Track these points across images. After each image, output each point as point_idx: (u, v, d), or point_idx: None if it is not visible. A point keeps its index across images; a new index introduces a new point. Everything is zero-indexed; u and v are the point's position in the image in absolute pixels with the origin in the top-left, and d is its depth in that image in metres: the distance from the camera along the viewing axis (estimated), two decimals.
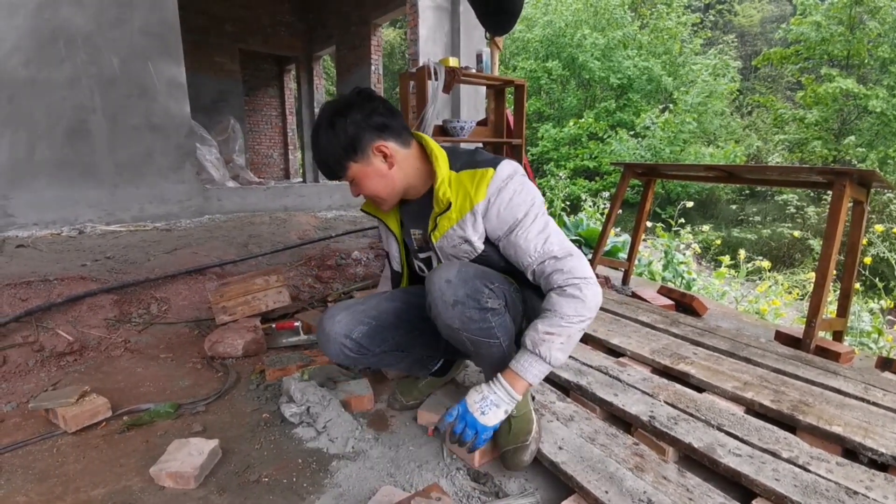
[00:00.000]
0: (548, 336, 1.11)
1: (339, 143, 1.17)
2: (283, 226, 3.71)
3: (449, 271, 1.15)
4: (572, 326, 1.11)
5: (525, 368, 1.13)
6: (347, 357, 1.34)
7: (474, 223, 1.19)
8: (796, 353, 1.85)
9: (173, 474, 1.18)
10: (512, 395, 1.14)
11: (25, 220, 3.30)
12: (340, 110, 1.18)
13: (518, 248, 1.17)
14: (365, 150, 1.19)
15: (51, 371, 1.83)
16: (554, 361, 1.12)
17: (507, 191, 1.17)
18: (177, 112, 3.81)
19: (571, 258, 1.14)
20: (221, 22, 8.25)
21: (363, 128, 1.18)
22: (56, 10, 3.27)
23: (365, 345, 1.32)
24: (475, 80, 3.10)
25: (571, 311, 1.10)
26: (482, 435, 1.14)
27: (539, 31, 15.51)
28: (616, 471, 1.14)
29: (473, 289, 1.13)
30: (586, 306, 1.11)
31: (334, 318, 1.32)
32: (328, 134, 1.18)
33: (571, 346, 1.14)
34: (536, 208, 1.19)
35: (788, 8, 20.50)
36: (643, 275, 4.75)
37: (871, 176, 2.05)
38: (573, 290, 1.11)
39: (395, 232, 1.43)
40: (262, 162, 10.11)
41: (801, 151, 12.92)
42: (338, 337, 1.30)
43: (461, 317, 1.14)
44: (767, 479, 1.08)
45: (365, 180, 1.23)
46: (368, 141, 1.18)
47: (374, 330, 1.33)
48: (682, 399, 1.44)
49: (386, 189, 1.25)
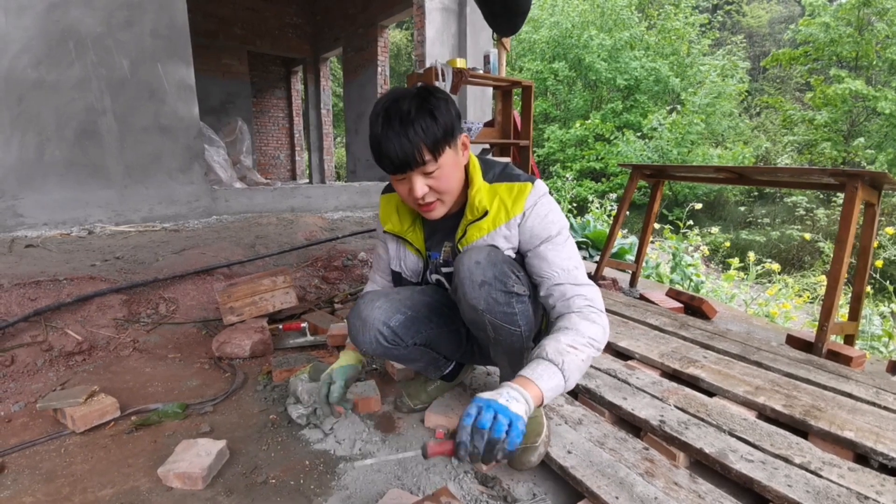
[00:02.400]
0: (571, 350, 1.05)
1: (441, 124, 1.10)
2: (289, 227, 3.72)
3: (479, 254, 1.16)
4: (590, 349, 1.08)
5: (540, 376, 1.01)
6: (380, 346, 1.29)
7: (508, 236, 1.21)
8: (808, 357, 1.83)
9: (181, 475, 1.18)
10: (526, 398, 0.96)
11: (35, 221, 3.32)
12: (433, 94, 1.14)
13: (546, 260, 1.19)
14: (457, 138, 1.17)
15: (59, 371, 1.84)
16: (569, 378, 1.03)
17: (543, 207, 1.20)
18: (186, 114, 3.83)
19: (593, 289, 1.17)
20: (230, 24, 8.30)
21: (455, 117, 1.15)
22: (66, 12, 3.30)
23: (400, 335, 1.29)
24: (483, 82, 3.10)
25: (592, 334, 1.09)
26: (517, 424, 0.90)
27: (546, 33, 15.50)
28: (626, 476, 1.13)
29: (501, 272, 1.14)
30: (603, 335, 1.12)
31: (374, 303, 1.28)
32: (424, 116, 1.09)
33: (582, 372, 1.08)
34: (567, 231, 1.22)
35: (797, 9, 20.36)
36: (651, 277, 4.72)
37: (883, 178, 2.02)
38: (595, 316, 1.12)
39: (419, 248, 1.37)
40: (269, 163, 10.16)
41: (811, 153, 12.83)
42: (376, 323, 1.26)
43: (487, 297, 1.14)
44: (780, 485, 1.07)
45: (450, 170, 1.17)
46: (458, 130, 1.18)
47: (410, 320, 1.30)
48: (692, 403, 1.43)
49: (459, 183, 1.22)
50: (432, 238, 1.36)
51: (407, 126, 1.08)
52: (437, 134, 1.10)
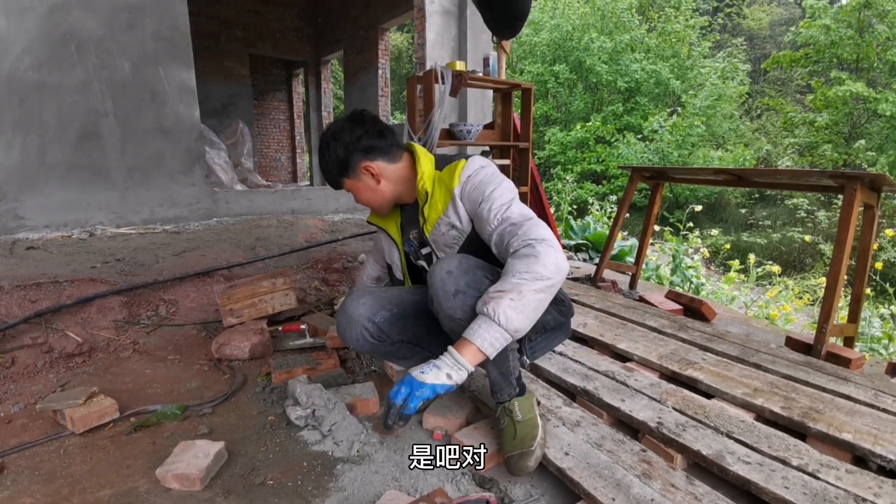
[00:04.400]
0: (496, 293, 1.05)
1: (333, 163, 1.35)
2: (290, 229, 3.73)
3: (450, 263, 1.19)
4: (523, 283, 1.04)
5: (474, 332, 1.06)
6: (367, 342, 1.38)
7: (455, 208, 1.29)
8: (807, 359, 1.82)
9: (179, 476, 1.18)
10: (458, 361, 1.07)
11: (36, 223, 3.33)
12: (334, 135, 1.34)
13: (481, 219, 1.23)
14: (355, 169, 1.35)
15: (59, 372, 1.85)
16: (505, 322, 1.03)
17: (479, 175, 1.28)
18: (187, 116, 3.85)
19: (528, 222, 1.14)
20: (231, 27, 8.33)
21: (351, 151, 1.33)
22: (67, 14, 3.31)
23: (385, 331, 1.38)
24: (482, 84, 3.10)
25: (522, 267, 1.06)
26: (415, 392, 1.05)
27: (546, 35, 15.53)
28: (623, 477, 1.13)
29: (474, 278, 1.16)
30: (539, 262, 1.06)
31: (359, 300, 1.39)
32: (325, 155, 1.36)
33: (527, 310, 1.05)
34: (501, 185, 1.25)
35: (797, 11, 20.38)
36: (651, 279, 4.72)
37: (882, 180, 2.02)
38: (527, 249, 1.09)
39: (395, 239, 1.51)
40: (270, 165, 10.17)
41: (811, 155, 12.83)
42: (361, 319, 1.36)
43: (462, 306, 1.15)
44: (777, 487, 1.07)
45: (358, 193, 1.40)
46: (356, 161, 1.34)
47: (395, 317, 1.39)
48: (690, 405, 1.43)
49: (376, 200, 1.41)
50: (405, 229, 1.50)
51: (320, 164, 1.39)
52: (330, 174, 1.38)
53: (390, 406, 1.07)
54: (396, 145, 1.39)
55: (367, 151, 1.34)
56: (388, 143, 1.37)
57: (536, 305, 1.07)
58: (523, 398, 1.28)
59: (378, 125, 1.37)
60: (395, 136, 1.40)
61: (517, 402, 1.27)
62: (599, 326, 2.11)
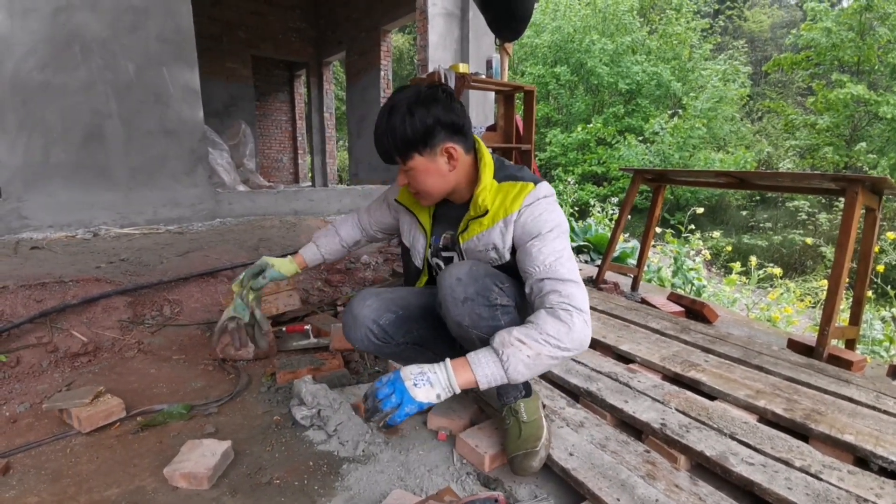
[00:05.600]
0: (518, 343, 1.03)
1: (414, 131, 1.15)
2: (292, 229, 3.73)
3: (460, 269, 1.17)
4: (546, 346, 1.02)
5: (479, 361, 1.04)
6: (371, 343, 1.37)
7: (504, 232, 1.22)
8: (809, 362, 1.83)
9: (187, 475, 1.19)
10: (451, 384, 1.04)
11: (40, 223, 3.35)
12: (424, 101, 1.16)
13: (529, 256, 1.16)
14: (435, 147, 1.19)
15: (65, 372, 1.85)
16: (511, 373, 1.03)
17: (540, 206, 1.19)
18: (190, 117, 3.86)
19: (574, 285, 1.10)
20: (234, 28, 8.35)
21: (441, 124, 1.17)
22: (71, 16, 3.32)
23: (390, 333, 1.36)
24: (485, 86, 3.12)
25: (553, 332, 1.03)
26: (405, 407, 1.02)
27: (547, 37, 15.56)
28: (628, 478, 1.14)
29: (483, 286, 1.15)
30: (570, 335, 1.03)
31: (364, 301, 1.36)
32: (405, 119, 1.15)
33: (535, 370, 1.04)
34: (561, 231, 1.18)
35: (798, 14, 20.40)
36: (652, 281, 4.73)
37: (884, 183, 2.03)
38: (565, 314, 1.05)
39: (426, 228, 1.42)
40: (272, 166, 10.19)
41: (813, 157, 12.83)
42: (366, 321, 1.34)
43: (471, 314, 1.15)
44: (780, 487, 1.08)
45: (423, 175, 1.22)
46: (441, 139, 1.18)
47: (400, 319, 1.37)
48: (693, 407, 1.44)
49: (438, 188, 1.25)
50: (438, 223, 1.42)
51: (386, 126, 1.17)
52: (407, 139, 1.16)
53: (376, 407, 1.04)
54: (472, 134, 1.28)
55: (454, 131, 1.19)
56: (470, 128, 1.25)
57: (546, 367, 1.06)
58: (529, 399, 1.29)
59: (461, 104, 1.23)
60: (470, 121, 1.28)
61: (523, 404, 1.28)
62: (602, 328, 2.12)
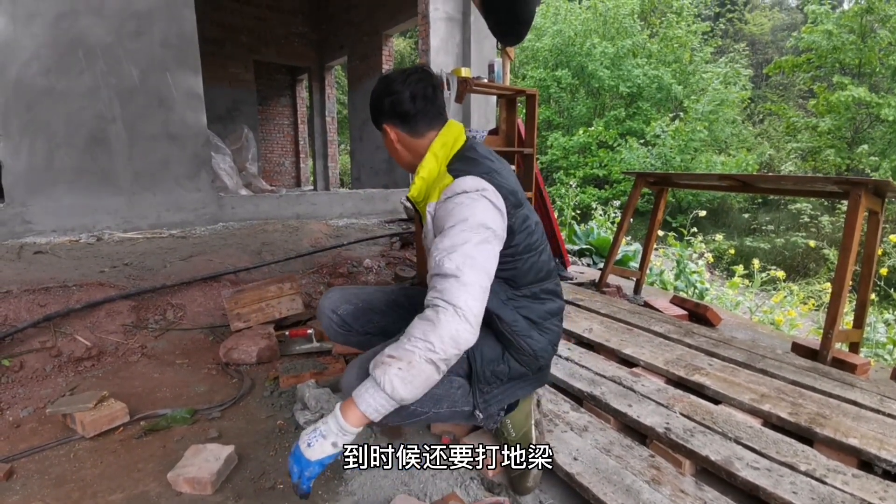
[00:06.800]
0: (388, 359, 0.98)
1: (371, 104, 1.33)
2: (295, 233, 3.74)
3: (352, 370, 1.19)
4: (415, 352, 0.97)
5: (361, 395, 0.99)
6: (336, 332, 1.46)
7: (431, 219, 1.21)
8: (813, 365, 1.83)
9: (190, 480, 1.19)
10: (342, 427, 1.00)
11: (44, 227, 3.36)
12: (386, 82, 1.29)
13: (430, 254, 1.11)
14: (380, 122, 1.33)
15: (68, 376, 1.86)
16: (391, 391, 0.96)
17: (454, 200, 1.13)
18: (193, 122, 3.88)
19: (453, 279, 1.01)
20: (237, 33, 8.39)
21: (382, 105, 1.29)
22: (75, 21, 3.35)
23: (349, 322, 1.44)
24: (487, 90, 3.12)
25: (419, 333, 0.98)
26: (304, 471, 1.00)
27: (548, 41, 15.58)
28: (633, 483, 1.14)
29: None
30: (436, 332, 0.97)
31: (328, 295, 1.49)
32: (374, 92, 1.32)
33: (415, 382, 0.98)
34: (467, 225, 1.08)
35: (799, 17, 20.42)
36: (655, 284, 4.72)
37: (886, 186, 2.03)
38: (431, 311, 1.00)
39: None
40: (274, 170, 10.21)
41: (814, 160, 12.81)
42: (326, 310, 1.45)
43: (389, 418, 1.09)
44: (785, 492, 1.07)
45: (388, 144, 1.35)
46: (383, 119, 1.31)
47: (359, 311, 1.45)
48: (697, 411, 1.43)
49: (396, 157, 1.36)
50: None
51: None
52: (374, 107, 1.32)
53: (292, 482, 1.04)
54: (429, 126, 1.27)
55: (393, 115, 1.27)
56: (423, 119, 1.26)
57: (428, 377, 0.99)
58: (515, 411, 1.28)
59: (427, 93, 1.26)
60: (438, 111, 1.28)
61: (509, 420, 1.27)
62: (605, 331, 2.12)
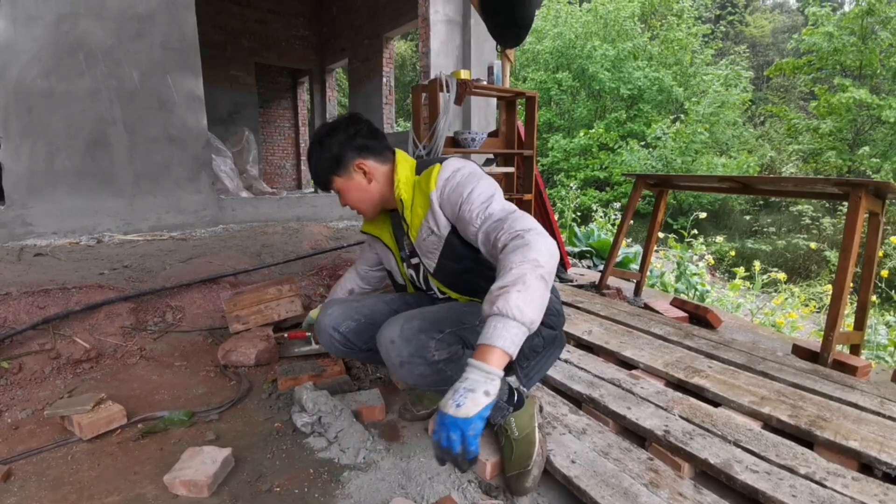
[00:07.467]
0: (503, 290, 0.97)
1: (326, 159, 1.34)
2: (295, 236, 3.74)
3: (392, 330, 1.15)
4: (525, 273, 0.98)
5: (492, 335, 0.95)
6: (337, 349, 1.44)
7: (434, 213, 1.27)
8: (814, 367, 1.82)
9: (187, 482, 1.19)
10: (488, 372, 0.94)
11: (44, 229, 3.36)
12: (329, 131, 1.35)
13: (464, 220, 1.20)
14: (347, 167, 1.35)
15: (67, 378, 1.86)
16: (520, 315, 0.95)
17: (455, 178, 1.25)
18: (194, 124, 3.88)
19: (512, 215, 1.12)
20: (238, 36, 8.42)
21: (346, 147, 1.33)
22: (75, 23, 3.35)
23: (352, 340, 1.41)
24: (487, 92, 3.12)
25: (519, 259, 1.00)
26: (467, 430, 0.92)
27: (549, 43, 15.61)
28: (630, 486, 1.13)
29: (418, 346, 1.12)
30: (534, 251, 1.01)
31: (327, 309, 1.44)
32: (318, 151, 1.35)
33: (535, 298, 0.97)
34: (482, 185, 1.22)
35: (800, 19, 20.44)
36: (655, 286, 4.71)
37: (887, 187, 2.02)
38: (516, 241, 1.05)
39: (390, 246, 1.51)
40: (275, 172, 10.23)
41: (816, 162, 12.81)
42: (327, 328, 1.41)
43: (412, 375, 1.15)
44: (785, 495, 1.06)
45: (348, 193, 1.38)
46: (350, 159, 1.34)
47: (362, 327, 1.41)
48: (697, 413, 1.43)
49: (365, 201, 1.40)
50: (398, 235, 1.50)
51: (309, 162, 1.38)
52: (325, 168, 1.35)
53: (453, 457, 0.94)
54: (387, 148, 1.40)
55: (360, 149, 1.35)
56: (381, 144, 1.39)
57: (542, 293, 1.00)
58: (521, 411, 1.28)
59: (371, 126, 1.39)
60: (385, 139, 1.41)
61: (513, 419, 1.26)
62: (605, 334, 2.11)
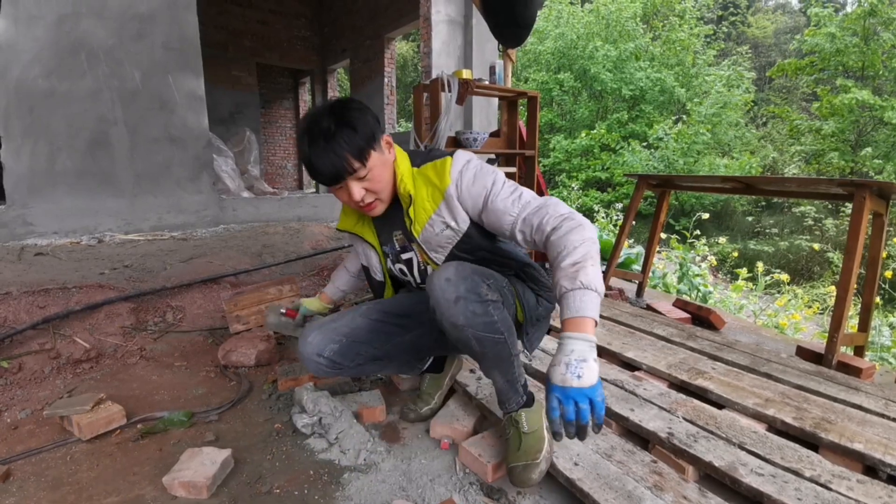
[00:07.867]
0: (578, 266, 1.05)
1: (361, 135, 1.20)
2: (296, 236, 3.73)
3: (447, 271, 1.17)
4: (589, 249, 1.08)
5: (579, 307, 1.02)
6: (326, 372, 1.40)
7: (450, 207, 1.27)
8: (818, 369, 1.80)
9: (186, 483, 1.18)
10: (589, 340, 1.00)
11: (45, 229, 3.36)
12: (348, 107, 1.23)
13: (497, 211, 1.22)
14: (379, 141, 1.26)
15: (66, 378, 1.85)
16: (598, 287, 1.04)
17: (469, 170, 1.27)
18: (195, 124, 3.88)
19: (549, 203, 1.19)
20: (240, 37, 8.43)
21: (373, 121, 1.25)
22: (76, 24, 3.35)
23: (338, 361, 1.38)
24: (488, 92, 3.11)
25: (578, 238, 1.09)
26: (596, 396, 0.96)
27: (551, 44, 15.60)
28: (634, 489, 1.12)
29: (472, 283, 1.16)
30: (586, 228, 1.12)
31: (306, 338, 1.37)
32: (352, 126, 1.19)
33: (599, 271, 1.08)
34: (500, 177, 1.26)
35: (802, 19, 20.41)
36: (658, 287, 4.70)
37: (891, 188, 2.01)
38: (566, 223, 1.13)
39: (372, 242, 1.47)
40: (276, 172, 10.23)
41: (818, 163, 12.77)
42: (311, 356, 1.36)
43: (465, 312, 1.15)
44: (790, 498, 1.05)
45: (380, 170, 1.26)
46: (379, 132, 1.26)
47: (345, 347, 1.38)
48: (701, 415, 1.41)
49: (390, 182, 1.30)
50: (382, 232, 1.46)
51: (330, 141, 1.18)
52: (360, 143, 1.19)
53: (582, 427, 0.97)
54: None
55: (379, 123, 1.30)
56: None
57: (600, 267, 1.10)
58: (531, 409, 1.27)
59: None
60: None
61: (524, 413, 1.26)
62: (607, 335, 2.10)
